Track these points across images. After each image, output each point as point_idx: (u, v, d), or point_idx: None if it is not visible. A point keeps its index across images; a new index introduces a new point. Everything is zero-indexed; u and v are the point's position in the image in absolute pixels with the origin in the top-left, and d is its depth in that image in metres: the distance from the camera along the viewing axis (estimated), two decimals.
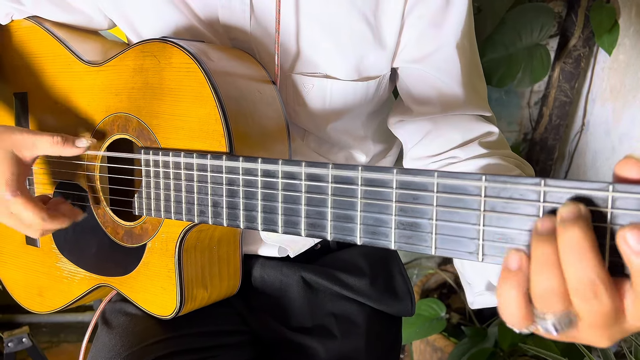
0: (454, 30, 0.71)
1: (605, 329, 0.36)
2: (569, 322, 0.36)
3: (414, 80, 0.75)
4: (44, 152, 0.67)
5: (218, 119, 0.61)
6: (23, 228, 0.68)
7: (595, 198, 0.35)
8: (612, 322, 0.36)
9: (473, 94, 0.74)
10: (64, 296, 0.82)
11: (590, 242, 0.34)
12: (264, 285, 0.82)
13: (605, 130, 1.61)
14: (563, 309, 0.36)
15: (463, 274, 0.67)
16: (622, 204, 0.34)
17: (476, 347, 1.47)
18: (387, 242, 0.45)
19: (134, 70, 0.69)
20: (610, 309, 0.35)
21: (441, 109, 0.73)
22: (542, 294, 0.36)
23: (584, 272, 0.34)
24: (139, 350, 0.68)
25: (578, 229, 0.34)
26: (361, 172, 0.46)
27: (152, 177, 0.65)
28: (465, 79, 0.73)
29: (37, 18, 0.80)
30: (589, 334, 0.37)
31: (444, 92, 0.73)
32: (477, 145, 0.70)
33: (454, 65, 0.72)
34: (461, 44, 0.72)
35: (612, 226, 0.34)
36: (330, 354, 0.78)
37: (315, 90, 0.73)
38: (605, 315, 0.35)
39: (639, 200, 0.33)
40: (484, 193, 0.40)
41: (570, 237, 0.34)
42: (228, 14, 0.69)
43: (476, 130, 0.72)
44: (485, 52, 1.48)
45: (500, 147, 0.72)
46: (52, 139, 0.66)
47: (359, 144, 0.83)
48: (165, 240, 0.67)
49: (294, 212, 0.52)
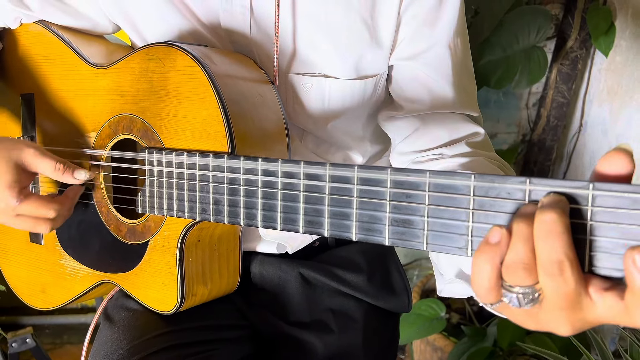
0: (446, 30, 0.73)
1: (566, 311, 0.38)
2: (532, 298, 0.38)
3: (406, 77, 0.76)
4: (44, 173, 0.70)
5: (220, 120, 0.63)
6: (32, 227, 0.70)
7: (577, 196, 0.37)
8: (573, 306, 0.37)
9: (462, 94, 0.76)
10: (66, 293, 0.84)
11: (563, 225, 0.36)
12: (263, 282, 0.84)
13: (602, 131, 1.63)
14: (529, 284, 0.38)
15: (437, 265, 0.69)
16: (601, 202, 0.36)
17: (475, 346, 1.48)
18: (381, 239, 0.47)
19: (139, 73, 0.71)
20: (573, 291, 0.36)
21: (430, 106, 0.75)
22: (511, 265, 0.38)
23: (553, 250, 0.36)
24: (140, 343, 0.70)
25: (554, 212, 0.36)
26: (357, 172, 0.48)
27: (156, 176, 0.67)
28: (455, 78, 0.75)
29: (45, 22, 0.82)
30: (551, 314, 0.39)
31: (433, 90, 0.75)
32: (463, 144, 0.72)
33: (444, 64, 0.74)
34: (453, 44, 0.74)
35: (591, 223, 0.36)
36: (328, 349, 0.79)
37: (314, 89, 0.74)
38: (567, 297, 0.37)
39: (616, 198, 0.35)
40: (473, 192, 0.41)
41: (545, 218, 0.36)
42: (229, 17, 0.71)
43: (463, 130, 0.74)
44: (483, 54, 1.50)
45: (485, 148, 0.74)
46: (54, 165, 0.69)
47: (357, 145, 0.85)
48: (167, 237, 0.69)
49: (292, 209, 0.53)
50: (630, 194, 0.35)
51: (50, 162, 0.68)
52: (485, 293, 0.40)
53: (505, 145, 1.85)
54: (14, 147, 0.67)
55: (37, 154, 0.68)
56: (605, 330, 1.60)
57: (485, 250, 0.39)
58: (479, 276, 0.40)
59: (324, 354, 0.79)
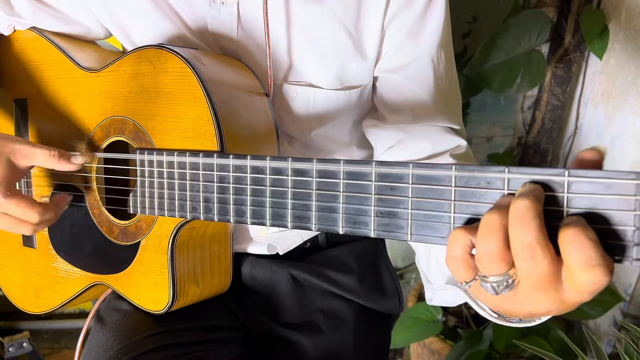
0: (429, 42, 0.73)
1: (542, 292, 0.38)
2: (507, 284, 0.39)
3: (389, 89, 0.77)
4: (39, 163, 0.69)
5: (210, 120, 0.63)
6: (17, 227, 0.69)
7: (553, 183, 0.37)
8: (548, 287, 0.38)
9: (445, 106, 0.76)
10: (59, 296, 0.84)
11: (535, 211, 0.36)
12: (254, 283, 0.84)
13: (597, 133, 1.64)
14: (501, 272, 0.39)
15: (425, 273, 0.69)
16: (576, 188, 0.36)
17: (472, 349, 1.48)
18: (367, 231, 0.47)
19: (130, 75, 0.72)
20: (547, 272, 0.37)
21: (413, 118, 0.75)
22: (482, 257, 0.39)
23: (525, 235, 0.36)
24: (131, 343, 0.70)
25: (526, 199, 0.37)
26: (343, 166, 0.49)
27: (147, 176, 0.68)
28: (437, 91, 0.75)
29: (38, 28, 0.83)
30: (527, 296, 0.39)
31: (416, 102, 0.75)
32: (447, 156, 0.72)
33: (427, 77, 0.74)
34: (436, 57, 0.74)
35: (567, 209, 0.37)
36: (318, 349, 0.79)
37: (299, 97, 0.75)
38: (541, 278, 0.37)
39: (591, 184, 0.36)
40: (454, 182, 0.42)
41: (518, 206, 0.37)
42: (216, 23, 0.72)
43: (446, 142, 0.74)
44: (488, 58, 1.50)
45: (468, 159, 0.75)
46: (49, 152, 0.68)
47: (343, 151, 0.86)
48: (158, 237, 0.70)
49: (280, 205, 0.54)
50: (604, 179, 0.35)
51: (44, 150, 0.68)
52: (462, 275, 0.41)
53: (502, 148, 1.86)
54: (6, 143, 0.67)
55: (29, 146, 0.68)
56: (601, 332, 1.60)
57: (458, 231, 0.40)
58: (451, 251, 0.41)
59: (314, 355, 0.79)
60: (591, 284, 0.35)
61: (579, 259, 0.35)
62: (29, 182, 0.85)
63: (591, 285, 0.35)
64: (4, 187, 0.66)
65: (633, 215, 0.35)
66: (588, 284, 0.35)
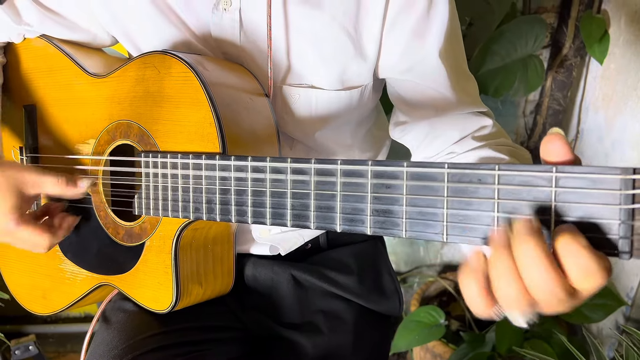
0: (437, 39, 0.73)
1: (561, 306, 0.41)
2: (534, 313, 0.41)
3: (405, 89, 0.78)
4: (47, 191, 0.72)
5: (212, 123, 0.65)
6: (31, 248, 0.74)
7: (541, 178, 0.39)
8: (567, 300, 0.40)
9: (463, 95, 0.77)
10: (66, 297, 0.86)
11: (543, 250, 0.38)
12: (256, 283, 0.86)
13: (598, 137, 1.64)
14: (526, 307, 0.41)
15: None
16: (564, 183, 0.38)
17: (474, 352, 1.49)
18: (363, 228, 0.49)
19: (135, 80, 0.73)
20: (564, 296, 0.39)
21: (435, 112, 0.77)
22: (505, 298, 0.41)
23: (544, 282, 0.38)
24: (135, 343, 0.72)
25: (532, 240, 0.38)
26: (340, 165, 0.50)
27: (152, 178, 0.69)
28: (453, 83, 0.76)
29: (47, 36, 0.85)
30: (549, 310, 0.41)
31: (435, 98, 0.76)
32: (470, 139, 0.74)
33: (440, 73, 0.75)
34: (444, 51, 0.74)
35: (555, 204, 0.38)
36: (318, 350, 0.80)
37: (301, 100, 0.76)
38: (560, 301, 0.40)
39: (578, 179, 0.37)
40: (447, 179, 0.43)
41: (526, 248, 0.38)
42: (219, 29, 0.74)
43: (470, 126, 0.76)
44: (483, 63, 1.52)
45: (495, 137, 0.76)
46: (56, 179, 0.71)
47: (346, 153, 0.87)
48: (162, 237, 0.71)
49: (280, 205, 0.56)
50: (591, 174, 0.36)
51: (52, 178, 0.71)
52: (483, 311, 0.42)
53: None
54: (16, 174, 0.70)
55: (38, 175, 0.71)
56: (604, 336, 1.60)
57: (467, 272, 0.42)
58: (471, 298, 0.42)
59: (314, 355, 0.80)
60: (593, 288, 0.38)
61: (577, 271, 0.37)
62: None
63: (594, 289, 0.38)
64: (17, 216, 0.69)
65: (618, 209, 0.37)
66: (591, 288, 0.38)
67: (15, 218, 0.69)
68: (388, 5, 0.71)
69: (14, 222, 0.69)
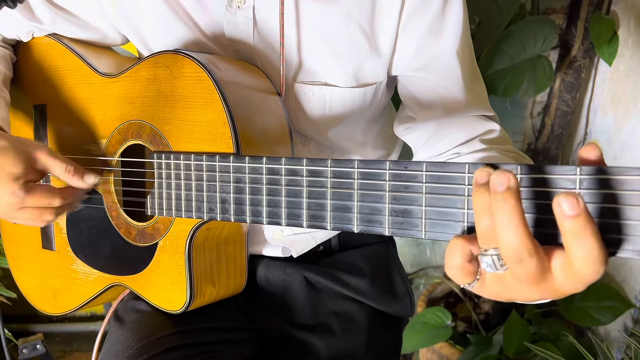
0: (452, 38, 0.74)
1: (532, 285, 0.40)
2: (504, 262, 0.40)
3: (417, 87, 0.78)
4: (55, 174, 0.71)
5: (226, 123, 0.65)
6: (38, 217, 0.70)
7: (565, 180, 0.39)
8: (538, 280, 0.39)
9: (474, 97, 0.77)
10: (78, 297, 0.86)
11: (518, 213, 0.37)
12: (268, 285, 0.86)
13: (606, 139, 1.64)
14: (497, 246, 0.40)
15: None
16: (588, 185, 0.38)
17: (481, 354, 1.48)
18: (381, 229, 0.48)
19: (147, 80, 0.73)
20: (535, 271, 0.38)
21: (444, 112, 0.77)
22: (483, 231, 0.40)
23: (511, 239, 0.37)
24: (150, 342, 0.72)
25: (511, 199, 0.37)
26: (357, 167, 0.50)
27: (164, 178, 0.69)
28: (465, 83, 0.76)
29: (56, 35, 0.85)
30: (518, 287, 0.40)
31: (446, 97, 0.76)
32: (477, 141, 0.74)
33: (454, 72, 0.75)
34: (460, 50, 0.75)
35: None
36: (331, 351, 0.80)
37: (315, 97, 0.76)
38: (529, 275, 0.39)
39: (602, 180, 0.37)
40: (468, 180, 0.43)
41: (502, 206, 0.38)
42: (233, 28, 0.74)
43: (478, 129, 0.76)
44: (492, 63, 1.51)
45: (501, 142, 0.76)
46: (65, 166, 0.70)
47: (359, 150, 0.87)
48: (176, 238, 0.71)
49: (296, 205, 0.55)
50: (615, 176, 0.36)
51: (62, 163, 0.70)
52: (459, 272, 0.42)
53: None
54: (30, 143, 0.69)
55: (50, 154, 0.70)
56: (612, 338, 1.59)
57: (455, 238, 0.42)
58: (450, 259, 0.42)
59: (326, 356, 0.80)
60: (591, 275, 0.37)
61: (582, 253, 0.36)
62: (48, 176, 0.86)
63: (590, 277, 0.37)
64: (23, 181, 0.67)
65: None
66: (588, 275, 0.37)
67: (22, 183, 0.67)
68: (404, 5, 0.71)
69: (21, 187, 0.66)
